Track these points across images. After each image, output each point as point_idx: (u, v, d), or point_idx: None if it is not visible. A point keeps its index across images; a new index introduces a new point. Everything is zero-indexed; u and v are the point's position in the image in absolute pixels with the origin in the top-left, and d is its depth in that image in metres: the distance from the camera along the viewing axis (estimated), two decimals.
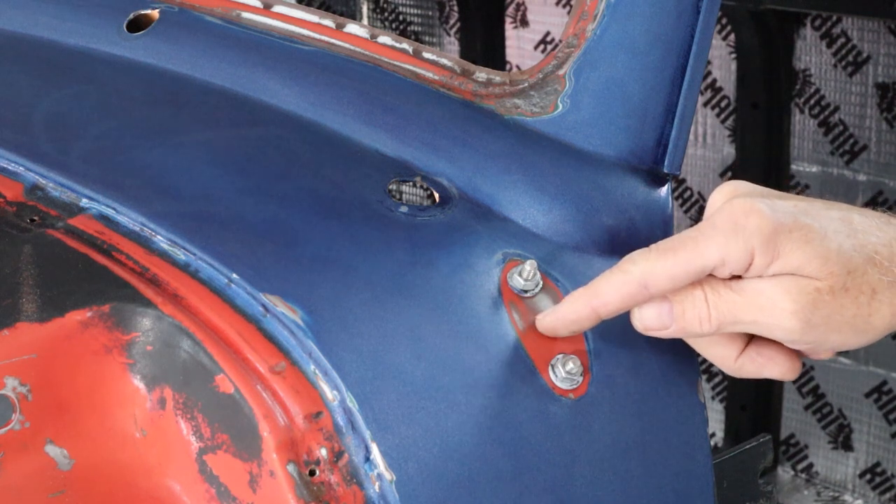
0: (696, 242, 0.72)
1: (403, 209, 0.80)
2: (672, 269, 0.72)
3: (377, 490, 0.68)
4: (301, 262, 0.75)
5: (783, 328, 0.72)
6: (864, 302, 0.72)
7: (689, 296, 0.73)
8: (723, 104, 2.16)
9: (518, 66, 2.42)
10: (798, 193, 2.12)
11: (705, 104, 2.17)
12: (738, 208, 0.72)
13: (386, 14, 2.64)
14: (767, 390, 2.17)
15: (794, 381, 2.17)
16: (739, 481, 0.92)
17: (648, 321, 0.74)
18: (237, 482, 0.68)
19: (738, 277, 0.73)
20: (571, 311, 0.74)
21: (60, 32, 1.01)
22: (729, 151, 2.17)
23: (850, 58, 2.00)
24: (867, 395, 2.13)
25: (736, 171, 2.15)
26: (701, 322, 0.73)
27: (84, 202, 0.80)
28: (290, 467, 0.67)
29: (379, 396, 0.70)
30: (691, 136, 2.19)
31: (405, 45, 0.90)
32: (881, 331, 0.74)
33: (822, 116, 2.06)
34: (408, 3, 2.60)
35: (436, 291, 0.74)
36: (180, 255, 0.75)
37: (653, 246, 0.73)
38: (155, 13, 0.98)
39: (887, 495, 2.08)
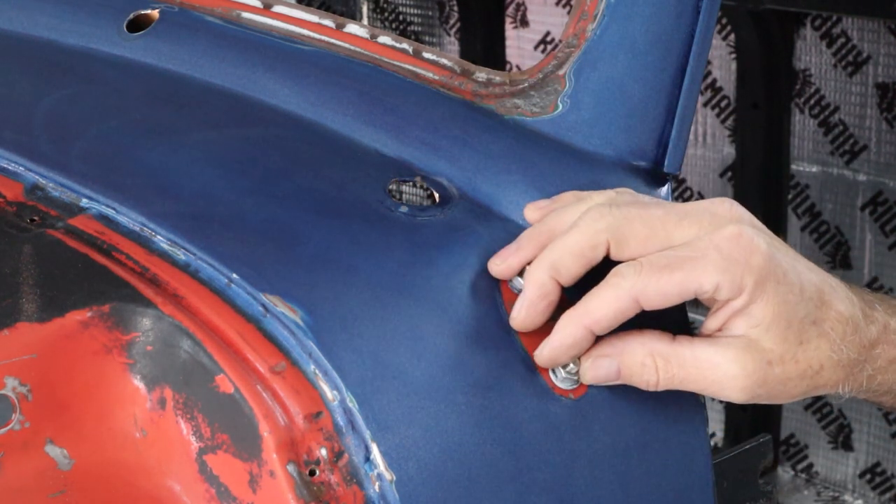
0: (693, 265, 0.71)
1: (403, 209, 0.80)
2: (666, 287, 0.71)
3: (377, 490, 0.68)
4: (301, 262, 0.75)
5: (729, 397, 0.73)
6: (809, 376, 0.74)
7: (638, 362, 0.73)
8: (723, 104, 2.16)
9: (518, 66, 2.42)
10: (798, 194, 2.12)
11: (705, 104, 2.17)
12: (744, 240, 0.72)
13: (386, 14, 2.63)
14: None
15: None
16: (739, 481, 0.92)
17: (594, 380, 0.74)
18: (237, 482, 0.68)
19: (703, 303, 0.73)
20: (568, 337, 0.73)
21: (60, 32, 1.01)
22: (729, 151, 2.17)
23: (850, 58, 2.00)
24: None
25: (736, 171, 2.15)
26: (648, 385, 0.74)
27: (84, 202, 0.80)
28: (290, 467, 0.67)
29: (379, 396, 0.70)
30: (691, 136, 2.19)
31: (405, 45, 0.90)
32: (818, 393, 0.76)
33: (822, 116, 2.06)
34: (408, 3, 2.60)
35: (436, 291, 0.74)
36: (180, 255, 0.75)
37: (643, 260, 0.72)
38: (155, 13, 0.98)
39: (887, 495, 2.07)
